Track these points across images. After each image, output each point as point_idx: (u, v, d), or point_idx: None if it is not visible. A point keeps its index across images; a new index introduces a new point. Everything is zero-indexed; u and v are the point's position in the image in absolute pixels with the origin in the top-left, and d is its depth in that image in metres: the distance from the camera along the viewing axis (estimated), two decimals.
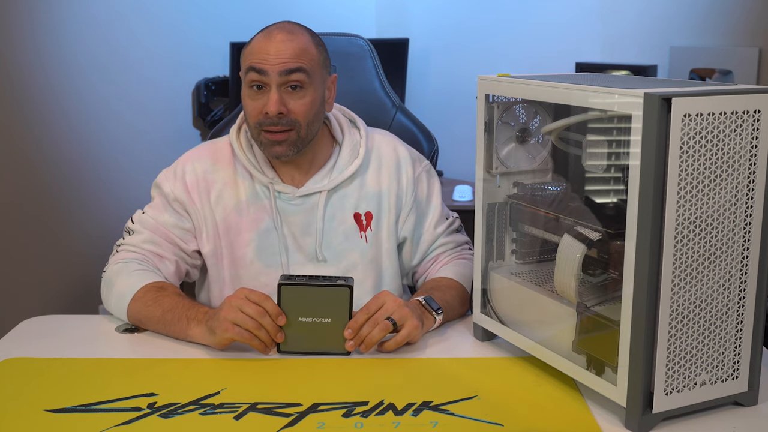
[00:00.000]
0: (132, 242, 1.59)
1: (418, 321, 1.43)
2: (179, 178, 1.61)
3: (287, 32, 1.52)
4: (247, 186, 1.61)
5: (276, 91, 1.49)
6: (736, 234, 1.15)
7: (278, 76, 1.49)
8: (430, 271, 1.69)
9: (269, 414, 1.21)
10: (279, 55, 1.49)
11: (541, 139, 1.46)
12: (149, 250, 1.58)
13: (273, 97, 1.49)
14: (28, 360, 1.41)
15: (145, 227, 1.60)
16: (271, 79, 1.49)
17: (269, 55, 1.49)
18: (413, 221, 1.66)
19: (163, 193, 1.62)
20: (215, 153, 1.64)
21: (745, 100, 1.11)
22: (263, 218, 1.60)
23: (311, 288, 1.39)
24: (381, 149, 1.66)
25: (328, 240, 1.60)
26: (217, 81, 3.37)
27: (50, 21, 2.89)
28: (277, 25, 1.55)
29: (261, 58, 1.50)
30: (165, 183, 1.62)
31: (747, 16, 2.76)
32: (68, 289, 3.05)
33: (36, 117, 2.89)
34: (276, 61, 1.49)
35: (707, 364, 1.17)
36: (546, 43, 3.32)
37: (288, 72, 1.49)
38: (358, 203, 1.62)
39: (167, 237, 1.60)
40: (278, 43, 1.50)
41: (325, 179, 1.61)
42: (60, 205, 3.00)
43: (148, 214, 1.61)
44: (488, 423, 1.19)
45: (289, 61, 1.49)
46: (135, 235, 1.60)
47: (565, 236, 1.29)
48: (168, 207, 1.61)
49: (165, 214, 1.61)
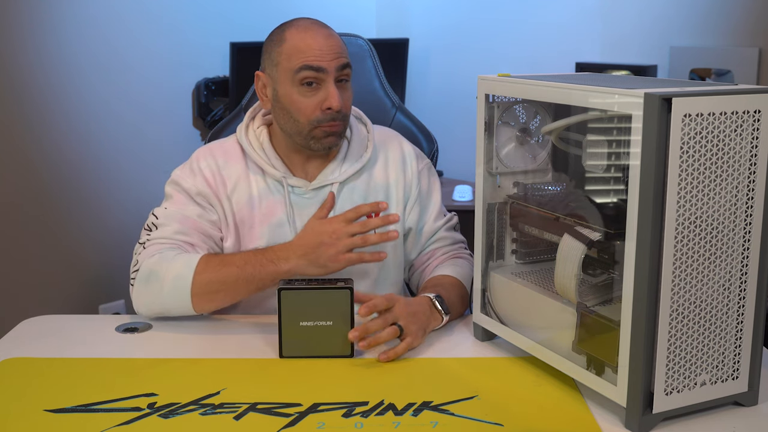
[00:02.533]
0: (160, 235, 1.55)
1: (422, 332, 1.43)
2: (198, 174, 1.61)
3: (325, 27, 1.56)
4: (258, 181, 1.61)
5: (334, 86, 1.52)
6: (736, 234, 1.15)
7: (335, 71, 1.51)
8: (426, 266, 1.70)
9: (269, 414, 1.21)
10: (332, 50, 1.52)
11: (541, 139, 1.46)
12: (180, 240, 1.55)
13: (334, 93, 1.51)
14: (28, 360, 1.41)
15: (172, 219, 1.56)
16: (328, 75, 1.51)
17: (323, 51, 1.51)
18: (418, 212, 1.68)
19: (183, 189, 1.60)
20: (225, 151, 1.64)
21: (745, 100, 1.11)
22: (275, 212, 1.60)
23: (311, 291, 1.39)
24: (387, 144, 1.69)
25: None
26: (217, 81, 3.37)
27: (50, 21, 2.89)
28: (310, 21, 1.57)
29: (316, 55, 1.51)
30: (184, 180, 1.61)
31: (747, 16, 2.76)
32: (68, 289, 3.05)
33: (36, 117, 2.89)
34: (331, 56, 1.51)
35: (707, 364, 1.17)
36: (546, 43, 3.32)
37: (343, 66, 1.53)
38: (367, 196, 1.64)
39: (196, 226, 1.57)
40: (326, 38, 1.53)
41: (336, 171, 1.62)
42: (60, 205, 3.00)
43: (171, 209, 1.58)
44: (488, 423, 1.19)
45: (341, 56, 1.53)
46: (162, 228, 1.56)
47: (565, 236, 1.29)
48: (191, 201, 1.60)
49: (190, 206, 1.59)
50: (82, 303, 3.08)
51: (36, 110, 2.89)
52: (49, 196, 2.97)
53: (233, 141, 1.66)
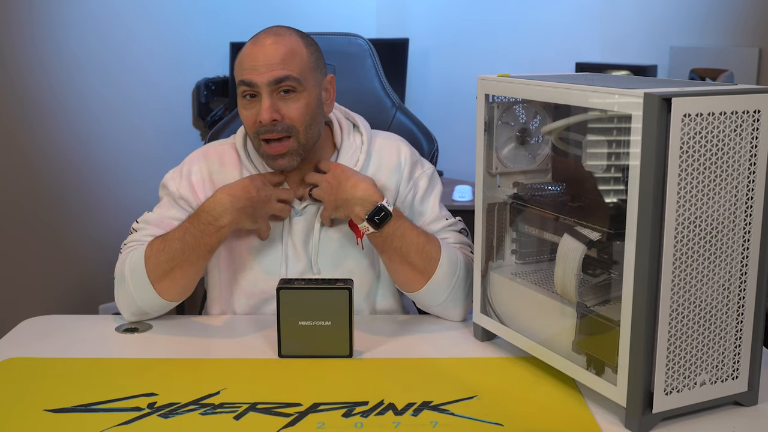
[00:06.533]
0: (134, 239, 1.58)
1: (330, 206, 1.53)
2: (185, 177, 1.61)
3: (274, 35, 1.51)
4: None
5: (268, 98, 1.48)
6: (736, 234, 1.15)
7: (268, 86, 1.47)
8: None
9: (269, 414, 1.21)
10: (267, 62, 1.47)
11: (541, 139, 1.46)
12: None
13: (265, 105, 1.47)
14: (28, 360, 1.41)
15: (150, 223, 1.59)
16: (261, 89, 1.48)
17: (257, 63, 1.48)
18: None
19: (169, 192, 1.61)
20: (222, 155, 1.63)
21: (745, 100, 1.11)
22: None
23: (310, 291, 1.39)
24: (383, 151, 1.64)
25: (324, 248, 1.59)
26: (217, 81, 3.37)
27: (50, 21, 2.89)
28: (265, 30, 1.54)
29: (250, 68, 1.48)
30: (171, 182, 1.62)
31: (747, 16, 2.76)
32: (68, 289, 3.06)
33: (36, 117, 2.89)
34: (265, 69, 1.47)
35: (707, 364, 1.17)
36: (546, 43, 3.32)
37: (277, 81, 1.47)
38: None
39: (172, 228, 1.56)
40: (266, 47, 1.49)
41: None
42: (60, 204, 3.00)
43: (155, 212, 1.61)
44: (488, 423, 1.19)
45: (277, 68, 1.47)
46: (139, 232, 1.58)
47: (565, 236, 1.29)
48: (175, 204, 1.60)
49: (172, 210, 1.60)
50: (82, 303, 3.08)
51: (36, 110, 2.89)
52: (48, 196, 2.97)
53: (231, 146, 1.64)
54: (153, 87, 3.21)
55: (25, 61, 2.84)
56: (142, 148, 3.20)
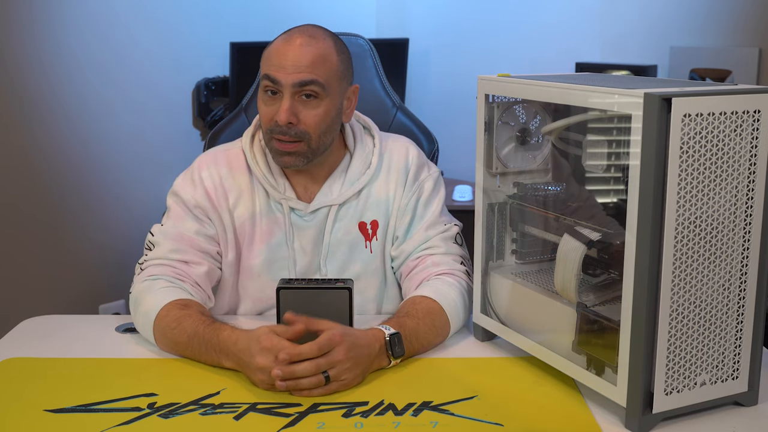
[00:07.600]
0: (155, 255, 1.52)
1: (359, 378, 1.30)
2: (198, 185, 1.56)
3: (308, 36, 1.48)
4: (261, 196, 1.57)
5: (288, 100, 1.46)
6: (736, 234, 1.15)
7: (291, 87, 1.46)
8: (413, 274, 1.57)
9: (269, 414, 1.21)
10: (296, 63, 1.45)
11: (541, 139, 1.46)
12: (175, 258, 1.51)
13: (284, 106, 1.46)
14: (28, 360, 1.41)
15: (167, 237, 1.53)
16: (284, 88, 1.46)
17: (286, 62, 1.45)
18: (407, 221, 1.60)
19: (182, 201, 1.56)
20: (230, 160, 1.59)
21: (745, 100, 1.11)
22: (275, 231, 1.57)
23: (310, 291, 1.38)
24: (393, 154, 1.62)
25: (333, 251, 1.58)
26: (217, 81, 3.37)
27: (50, 21, 2.89)
28: (300, 28, 1.51)
29: (277, 65, 1.46)
30: (183, 191, 1.57)
31: (747, 16, 2.76)
32: (68, 290, 3.06)
33: (36, 117, 2.89)
34: (292, 69, 1.45)
35: (707, 364, 1.17)
36: (546, 43, 3.32)
37: (301, 84, 1.45)
38: (364, 212, 1.59)
39: (192, 243, 1.53)
40: (297, 47, 1.46)
41: (335, 191, 1.58)
42: (60, 205, 3.00)
43: (168, 225, 1.55)
44: (488, 423, 1.19)
45: (304, 71, 1.45)
46: (157, 248, 1.52)
47: (565, 236, 1.29)
48: (189, 214, 1.55)
49: (187, 221, 1.54)
50: (82, 303, 3.08)
51: (36, 110, 2.89)
52: (49, 196, 2.97)
53: (239, 150, 1.61)
54: (153, 87, 3.21)
55: (25, 61, 2.84)
56: (142, 148, 3.20)
